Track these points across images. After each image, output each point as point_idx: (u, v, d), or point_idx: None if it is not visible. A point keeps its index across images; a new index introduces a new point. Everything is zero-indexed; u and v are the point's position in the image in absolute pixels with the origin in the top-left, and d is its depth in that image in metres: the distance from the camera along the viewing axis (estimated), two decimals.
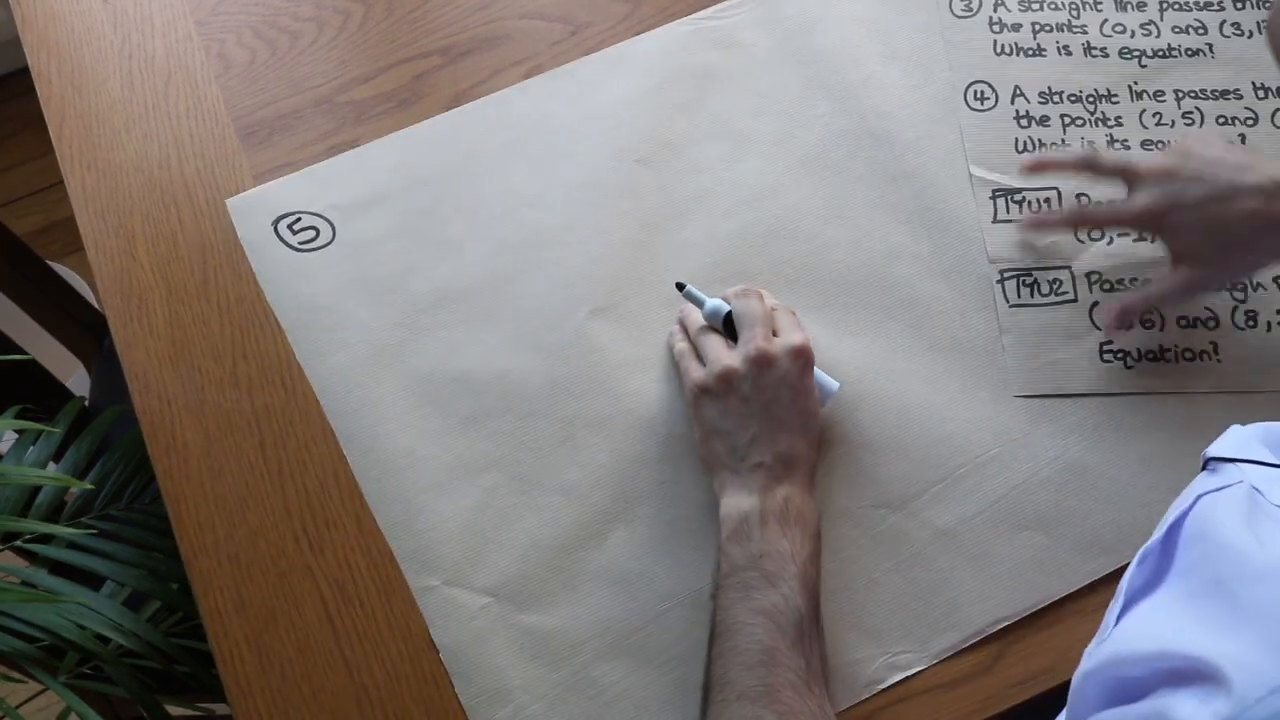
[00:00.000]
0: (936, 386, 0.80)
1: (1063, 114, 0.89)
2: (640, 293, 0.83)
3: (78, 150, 0.90)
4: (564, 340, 0.82)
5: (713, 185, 0.87)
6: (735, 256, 0.84)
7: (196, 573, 0.77)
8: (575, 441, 0.79)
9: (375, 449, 0.79)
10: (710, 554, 0.73)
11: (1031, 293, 0.83)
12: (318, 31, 0.95)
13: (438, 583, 0.75)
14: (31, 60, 0.94)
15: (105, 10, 0.96)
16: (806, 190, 0.87)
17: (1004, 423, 0.79)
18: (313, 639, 0.75)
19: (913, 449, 0.78)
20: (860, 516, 0.77)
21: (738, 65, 0.92)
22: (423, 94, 0.92)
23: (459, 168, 0.88)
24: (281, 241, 0.85)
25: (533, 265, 0.84)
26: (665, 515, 0.77)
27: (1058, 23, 0.92)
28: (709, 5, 0.94)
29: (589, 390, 0.80)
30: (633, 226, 0.85)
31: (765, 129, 0.89)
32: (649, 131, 0.89)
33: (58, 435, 1.05)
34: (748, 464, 0.73)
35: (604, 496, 0.77)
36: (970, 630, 0.74)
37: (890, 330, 0.82)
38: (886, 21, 0.93)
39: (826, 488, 0.77)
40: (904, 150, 0.88)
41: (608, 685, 0.73)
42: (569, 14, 0.95)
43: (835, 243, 0.85)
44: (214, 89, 0.92)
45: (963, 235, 0.85)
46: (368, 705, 0.73)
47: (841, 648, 0.73)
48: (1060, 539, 0.76)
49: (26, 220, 1.87)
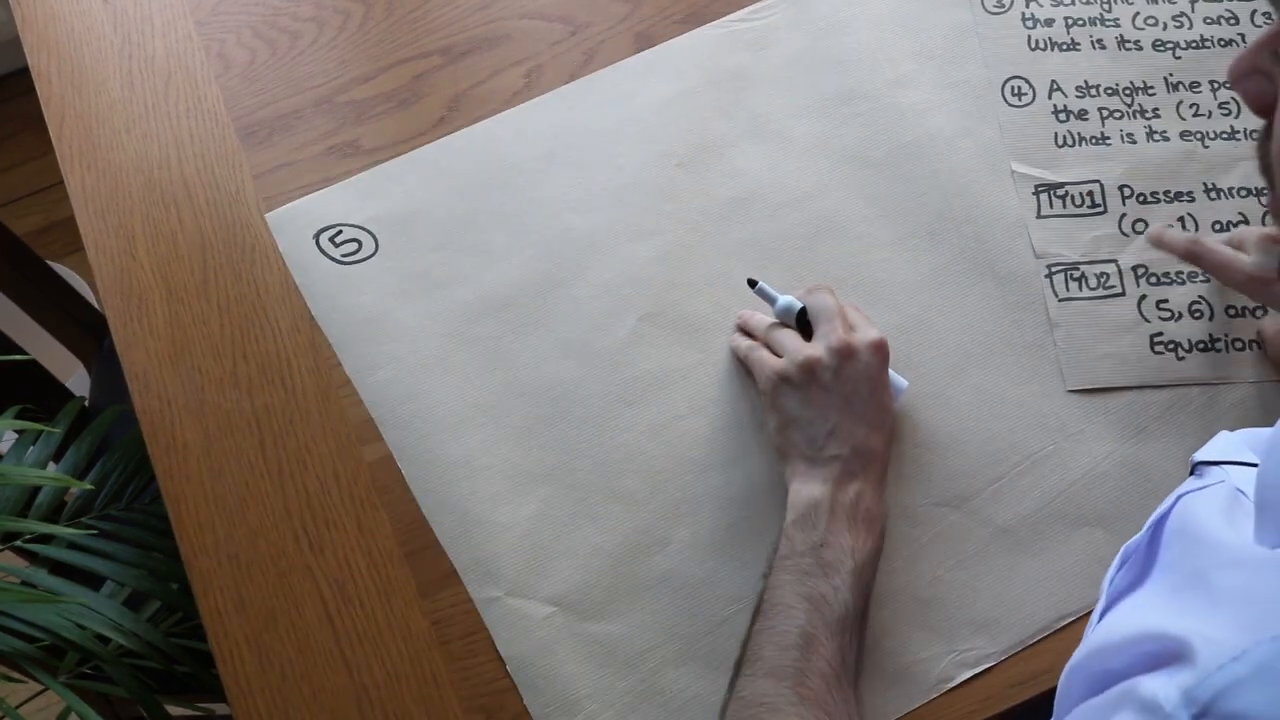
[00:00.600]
0: (989, 383, 0.80)
1: (1100, 107, 0.89)
2: (689, 297, 0.83)
3: (78, 150, 0.90)
4: (615, 346, 0.82)
5: (754, 187, 0.87)
6: (782, 258, 0.84)
7: (196, 573, 0.77)
8: (632, 448, 0.79)
9: (430, 461, 0.78)
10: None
11: (1080, 286, 0.83)
12: (318, 31, 0.95)
13: (500, 594, 0.75)
14: (31, 60, 0.94)
15: (105, 10, 0.96)
16: (848, 190, 0.87)
17: (1059, 418, 0.79)
18: (313, 639, 0.75)
19: (969, 447, 0.78)
20: (921, 515, 0.77)
21: (772, 67, 0.92)
22: (423, 94, 0.92)
23: (498, 176, 0.88)
24: (324, 254, 0.85)
25: (579, 271, 0.84)
26: (726, 519, 0.77)
27: (1090, 17, 0.92)
28: (710, 5, 0.95)
29: (643, 396, 0.80)
30: (678, 230, 0.85)
31: (803, 129, 0.89)
32: (687, 135, 0.89)
33: (58, 435, 1.05)
34: (825, 454, 0.73)
35: (663, 502, 0.77)
36: (1036, 627, 0.74)
37: (939, 327, 0.82)
38: (918, 19, 0.93)
39: (889, 487, 0.77)
40: (944, 147, 0.88)
41: (677, 691, 0.73)
42: (569, 14, 0.95)
43: (880, 241, 0.85)
44: (214, 89, 0.92)
45: (1007, 230, 0.85)
46: (368, 705, 0.73)
47: (908, 646, 0.74)
48: (1119, 534, 0.76)
49: (26, 220, 1.87)
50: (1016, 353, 0.81)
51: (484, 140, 0.89)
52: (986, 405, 0.80)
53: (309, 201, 0.87)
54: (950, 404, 0.80)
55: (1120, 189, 0.86)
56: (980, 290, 0.83)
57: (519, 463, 0.78)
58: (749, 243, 0.85)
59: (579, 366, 0.81)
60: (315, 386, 0.82)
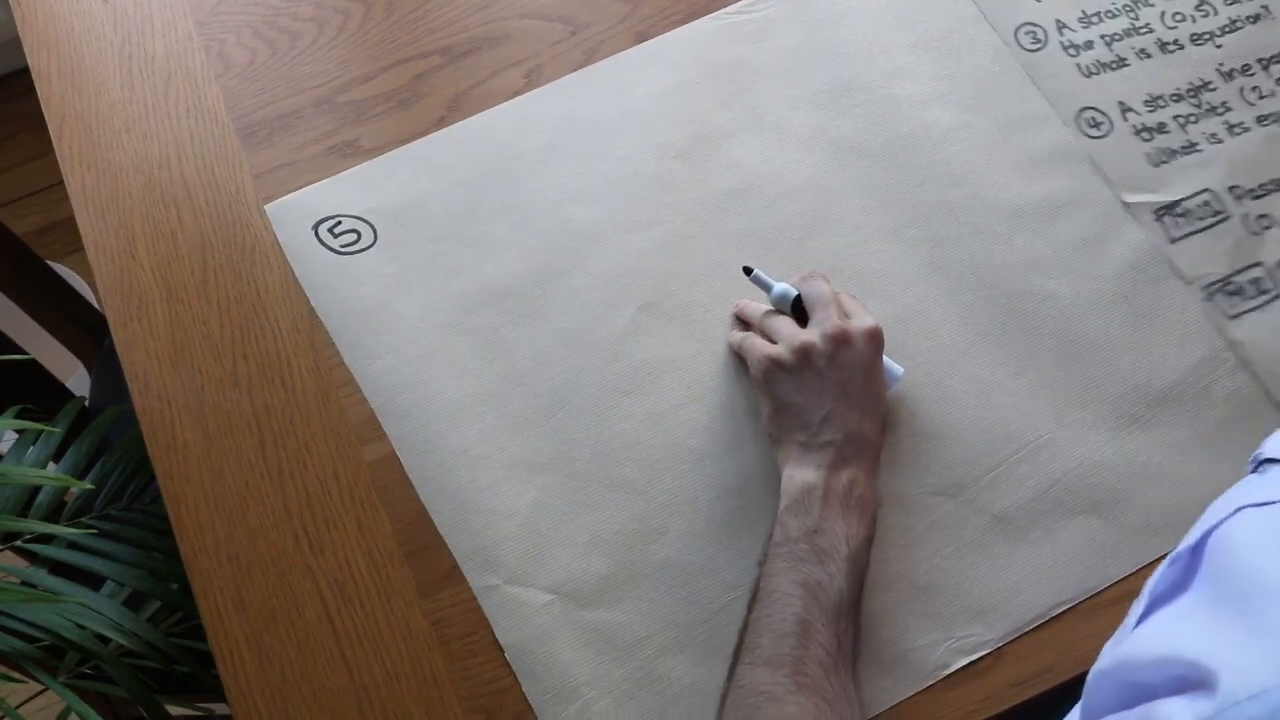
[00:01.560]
0: (985, 373, 0.81)
1: (1174, 115, 0.89)
2: (687, 287, 0.84)
3: (78, 150, 0.90)
4: (614, 336, 0.82)
5: (752, 178, 0.87)
6: (779, 248, 0.85)
7: (196, 573, 0.77)
8: (630, 437, 0.79)
9: (428, 450, 0.79)
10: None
11: (1241, 299, 0.83)
12: (318, 31, 0.95)
13: (499, 582, 0.75)
14: (31, 60, 0.94)
15: (105, 10, 0.96)
16: (845, 180, 0.87)
17: (1055, 407, 0.80)
18: (313, 639, 0.75)
19: (966, 436, 0.79)
20: (917, 504, 0.77)
21: (770, 58, 0.92)
22: (423, 94, 0.92)
23: (498, 167, 0.88)
24: (323, 245, 0.85)
25: (578, 261, 0.85)
26: (724, 507, 0.77)
27: (1123, 29, 0.92)
28: (710, 5, 0.95)
29: (641, 386, 0.80)
30: (676, 221, 0.86)
31: (801, 121, 0.89)
32: (685, 127, 0.89)
33: (58, 435, 1.05)
34: (818, 440, 0.73)
35: (661, 491, 0.77)
36: (1032, 614, 0.74)
37: (936, 317, 0.82)
38: (914, 11, 0.93)
39: (884, 475, 0.77)
40: (940, 138, 0.88)
41: (674, 679, 0.73)
42: (569, 14, 0.95)
43: (877, 232, 0.85)
44: (214, 89, 0.92)
45: (1003, 220, 0.85)
46: (368, 705, 0.73)
47: (905, 634, 0.74)
48: (1115, 522, 0.76)
49: (26, 220, 1.87)
50: (1013, 342, 0.82)
51: (484, 131, 0.89)
52: (983, 394, 0.80)
53: (308, 193, 0.87)
54: (947, 393, 0.80)
55: (1230, 190, 0.86)
56: (976, 280, 0.83)
57: (517, 452, 0.79)
58: (746, 233, 0.85)
59: (578, 356, 0.81)
60: (315, 386, 0.82)
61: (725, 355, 0.81)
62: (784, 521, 0.71)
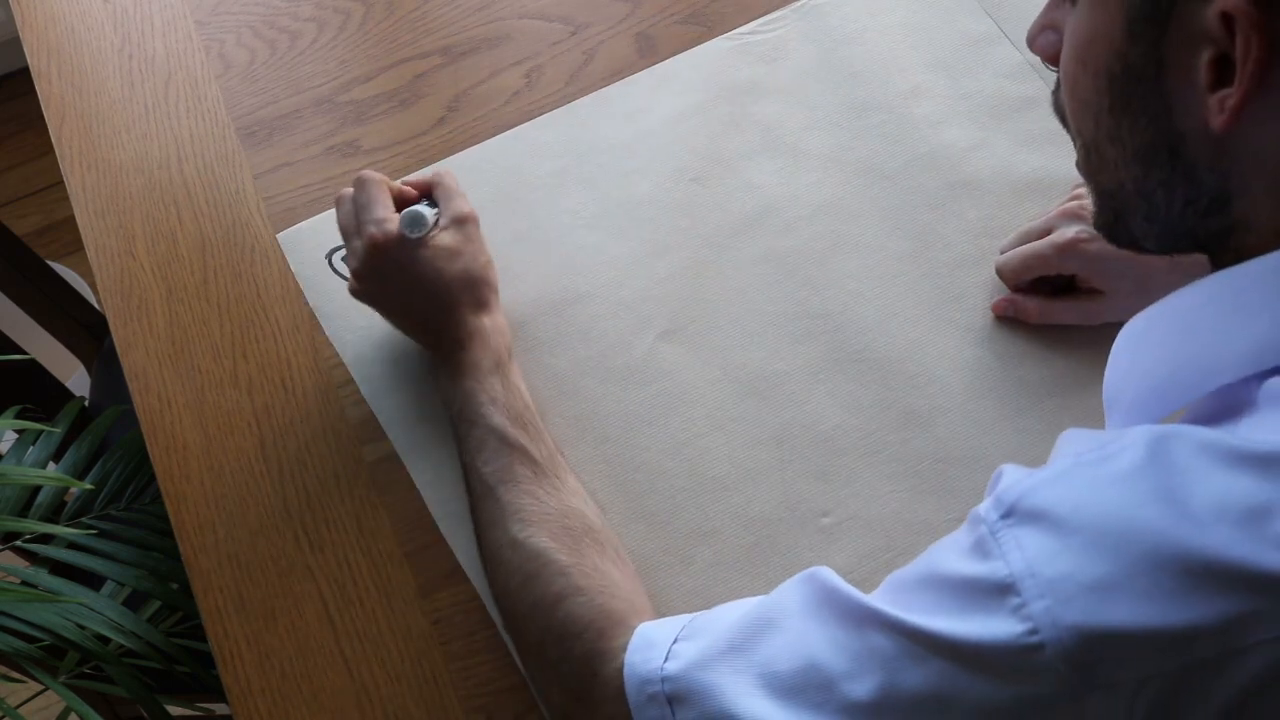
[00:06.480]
0: (1011, 396, 0.78)
1: None
2: (707, 314, 0.82)
3: (78, 150, 0.90)
4: (633, 364, 0.81)
5: (769, 201, 0.86)
6: (798, 272, 0.83)
7: (196, 573, 0.77)
8: (652, 468, 0.78)
9: (446, 484, 0.78)
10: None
11: None
12: (318, 31, 0.95)
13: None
14: (31, 60, 0.94)
15: (105, 10, 0.96)
16: (864, 203, 0.86)
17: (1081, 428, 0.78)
18: (313, 639, 0.75)
19: (992, 460, 0.76)
20: (944, 530, 0.75)
21: (784, 79, 0.91)
22: (423, 94, 0.92)
23: (510, 193, 0.87)
24: (336, 274, 0.83)
25: (595, 288, 0.83)
26: (748, 537, 0.75)
27: None
28: (710, 5, 0.94)
29: (662, 415, 0.79)
30: (694, 245, 0.85)
31: (817, 142, 0.88)
32: (701, 149, 0.88)
33: (58, 435, 1.05)
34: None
35: (686, 521, 0.76)
36: None
37: (961, 340, 0.81)
38: (930, 29, 0.92)
39: (909, 499, 0.76)
40: (960, 159, 0.86)
41: None
42: (569, 14, 0.95)
43: (897, 254, 0.84)
44: (214, 89, 0.92)
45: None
46: (368, 705, 0.73)
47: None
48: None
49: (26, 220, 1.87)
50: (1032, 367, 0.80)
51: (494, 157, 0.89)
52: (1009, 419, 0.78)
53: (320, 220, 0.86)
54: (971, 418, 0.78)
55: None
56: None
57: None
58: (765, 257, 0.84)
59: (597, 385, 0.80)
60: (315, 386, 0.82)
61: (747, 381, 0.80)
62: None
